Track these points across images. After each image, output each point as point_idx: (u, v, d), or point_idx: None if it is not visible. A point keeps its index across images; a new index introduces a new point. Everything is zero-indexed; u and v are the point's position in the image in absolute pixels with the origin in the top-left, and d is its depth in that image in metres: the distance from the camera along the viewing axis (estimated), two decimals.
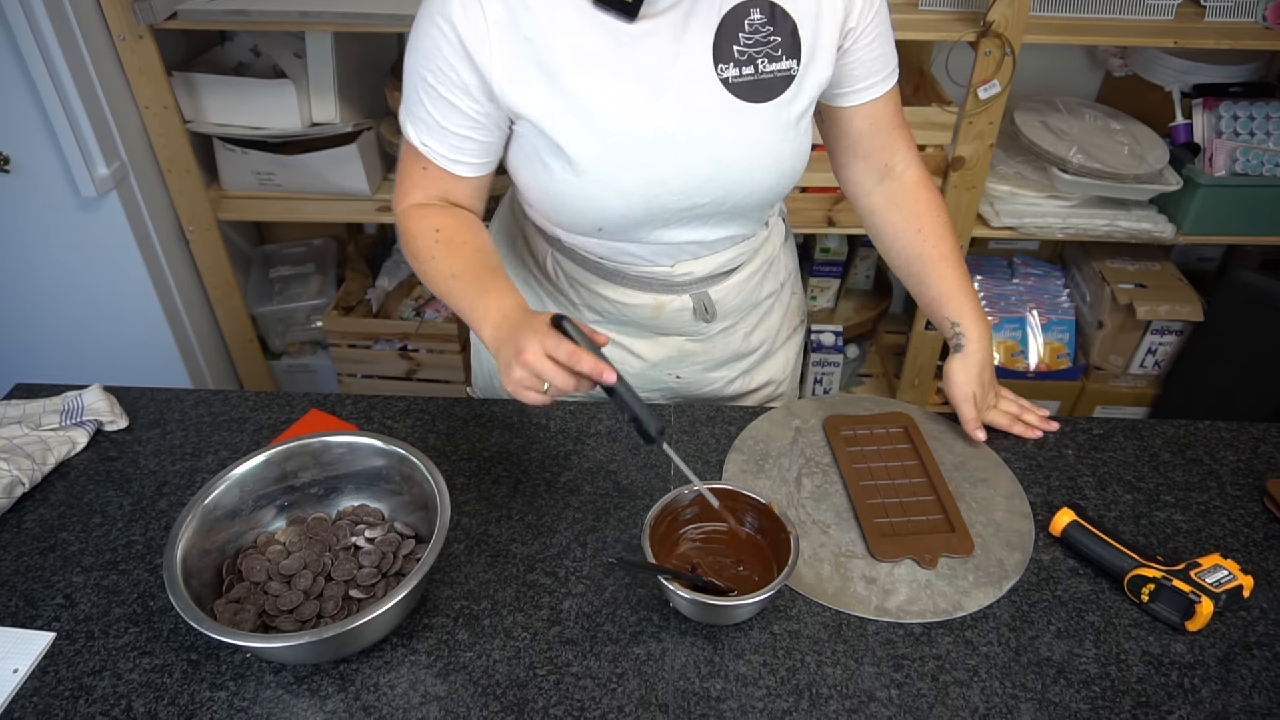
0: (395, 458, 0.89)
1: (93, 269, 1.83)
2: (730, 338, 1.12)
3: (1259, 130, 1.77)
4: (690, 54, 0.86)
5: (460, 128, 0.89)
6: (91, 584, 0.88)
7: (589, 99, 0.85)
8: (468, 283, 0.90)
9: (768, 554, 0.87)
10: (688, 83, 0.86)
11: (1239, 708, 0.77)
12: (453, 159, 0.92)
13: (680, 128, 0.88)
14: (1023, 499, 0.98)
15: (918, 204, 1.04)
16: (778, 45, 0.88)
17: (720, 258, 1.03)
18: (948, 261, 1.03)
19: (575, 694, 0.78)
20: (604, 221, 0.93)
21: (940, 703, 0.77)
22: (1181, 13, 1.67)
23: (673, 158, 0.89)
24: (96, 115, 1.63)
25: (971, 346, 1.02)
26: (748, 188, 0.94)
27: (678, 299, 1.05)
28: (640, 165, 0.89)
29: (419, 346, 2.06)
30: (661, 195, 0.91)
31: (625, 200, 0.91)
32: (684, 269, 1.02)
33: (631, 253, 1.00)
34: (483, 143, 0.91)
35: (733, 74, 0.87)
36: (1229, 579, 0.83)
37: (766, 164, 0.93)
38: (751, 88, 0.88)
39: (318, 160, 1.85)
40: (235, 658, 0.81)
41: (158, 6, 1.58)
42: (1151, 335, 1.98)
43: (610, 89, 0.85)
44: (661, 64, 0.85)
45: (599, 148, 0.87)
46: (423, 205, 0.95)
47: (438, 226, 0.93)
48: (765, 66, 0.88)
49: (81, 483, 1.00)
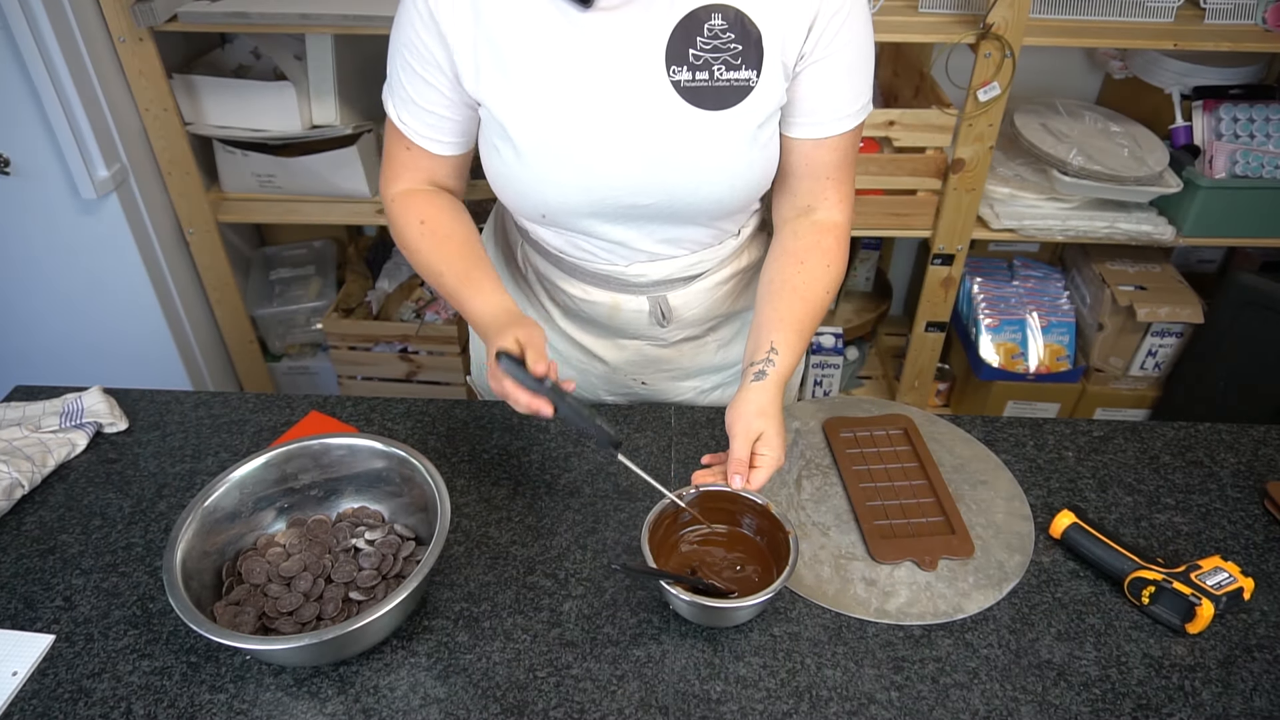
0: (395, 460, 0.89)
1: (93, 271, 1.83)
2: (700, 350, 1.10)
3: (1259, 132, 1.77)
4: (641, 52, 0.84)
5: (435, 105, 0.91)
6: (91, 586, 0.88)
7: (534, 86, 0.86)
8: (455, 282, 0.93)
9: (766, 555, 0.87)
10: (635, 81, 0.85)
11: (1239, 710, 0.77)
12: (430, 137, 0.94)
13: (623, 126, 0.86)
14: (1023, 501, 0.98)
15: (816, 245, 0.95)
16: (738, 54, 0.84)
17: (677, 263, 1.00)
18: (808, 302, 0.93)
19: (575, 696, 0.78)
20: (546, 208, 0.93)
21: (940, 705, 0.77)
22: (1181, 15, 1.67)
23: (611, 154, 0.88)
24: (97, 117, 1.63)
25: (776, 373, 0.89)
26: (693, 195, 0.91)
27: (634, 300, 1.03)
28: (577, 157, 0.88)
29: (419, 349, 2.06)
30: (599, 190, 0.90)
31: (562, 190, 0.90)
32: (638, 270, 1.00)
33: (584, 248, 0.99)
34: (456, 121, 0.93)
35: (685, 77, 0.85)
36: (1229, 581, 0.83)
37: (713, 173, 0.89)
38: (703, 94, 0.85)
39: (318, 162, 1.85)
40: (235, 660, 0.81)
41: (158, 9, 1.58)
42: (1152, 337, 1.97)
43: (556, 78, 0.85)
44: (610, 59, 0.84)
45: (538, 135, 0.87)
46: (408, 193, 0.97)
47: (422, 218, 0.96)
48: (721, 74, 0.85)
49: (81, 485, 1.00)
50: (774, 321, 0.93)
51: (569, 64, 0.85)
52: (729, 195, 0.92)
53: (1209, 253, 2.21)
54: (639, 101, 0.85)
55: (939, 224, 1.82)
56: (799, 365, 0.97)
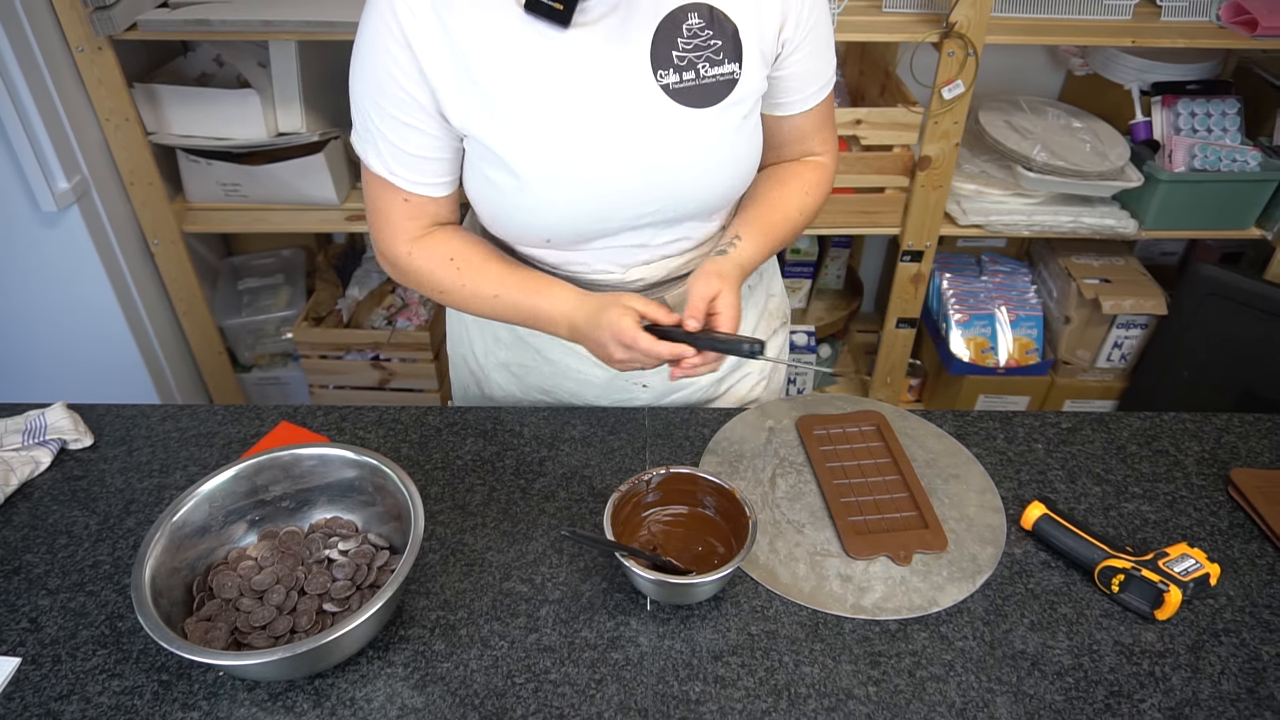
0: (368, 469, 0.88)
1: (55, 284, 1.79)
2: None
3: (1215, 127, 1.81)
4: (627, 62, 0.84)
5: (427, 150, 0.88)
6: (58, 606, 0.86)
7: (526, 113, 0.84)
8: (516, 295, 0.93)
9: (730, 537, 0.89)
10: (626, 91, 0.85)
11: (1208, 694, 0.79)
12: (428, 183, 0.91)
13: (622, 138, 0.86)
14: (994, 494, 0.99)
15: (798, 174, 1.02)
16: (719, 49, 0.86)
17: (673, 262, 1.01)
18: (776, 211, 0.99)
19: (554, 701, 0.77)
20: (551, 233, 0.92)
21: (917, 698, 0.78)
22: (1139, 12, 1.70)
23: (617, 168, 0.88)
24: (55, 129, 1.61)
25: (738, 254, 0.93)
26: (698, 193, 0.93)
27: None
28: (584, 177, 0.87)
29: (391, 356, 2.05)
30: (608, 205, 0.90)
31: (572, 211, 0.90)
32: (636, 274, 1.00)
33: (583, 261, 0.99)
34: (449, 160, 0.91)
35: (673, 80, 0.85)
36: (1196, 568, 0.85)
37: (714, 169, 0.91)
38: (693, 93, 0.86)
39: (284, 170, 1.83)
40: (208, 677, 0.79)
41: (117, 17, 1.56)
42: (1117, 329, 2.01)
43: (547, 102, 0.84)
44: (598, 73, 0.84)
45: (541, 161, 0.86)
46: (420, 240, 0.94)
47: (450, 255, 0.94)
48: (707, 71, 0.86)
49: (46, 503, 0.98)
50: (741, 221, 0.98)
51: (557, 85, 0.84)
52: (728, 187, 0.94)
53: (1170, 245, 2.25)
54: (632, 110, 0.86)
55: (907, 221, 1.84)
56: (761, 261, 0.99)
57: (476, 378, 1.18)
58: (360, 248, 2.33)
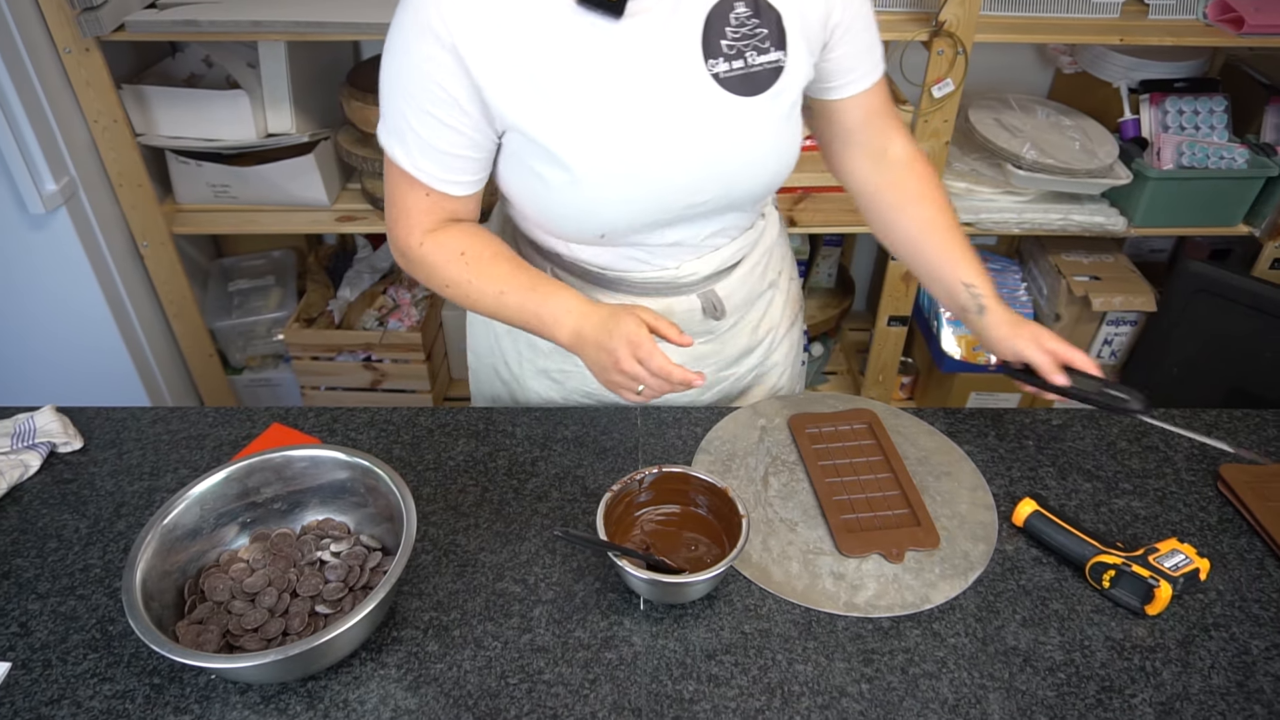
0: (359, 470, 0.88)
1: (44, 287, 1.78)
2: (739, 334, 1.12)
3: (1203, 124, 1.82)
4: (679, 51, 0.85)
5: (457, 148, 0.87)
6: (48, 611, 0.86)
7: (580, 104, 0.84)
8: (521, 295, 0.92)
9: (722, 536, 0.89)
10: (679, 81, 0.86)
11: (1199, 688, 0.79)
12: (453, 180, 0.90)
13: (675, 127, 0.87)
14: (985, 491, 0.99)
15: (921, 182, 1.04)
16: (764, 37, 0.87)
17: (723, 253, 1.02)
18: (953, 230, 1.02)
19: (548, 701, 0.77)
20: (606, 228, 0.92)
21: (910, 695, 0.78)
22: (1126, 10, 1.71)
23: (671, 158, 0.88)
24: (43, 130, 1.60)
25: (991, 299, 0.99)
26: (747, 181, 0.94)
27: (685, 300, 1.03)
28: (639, 168, 0.88)
29: (383, 357, 2.04)
30: (663, 196, 0.90)
31: (627, 205, 0.90)
32: (689, 269, 1.01)
33: (634, 257, 0.99)
34: (478, 160, 0.90)
35: (723, 69, 0.86)
36: (1186, 563, 0.85)
37: (763, 156, 0.92)
38: (742, 81, 0.87)
39: (274, 171, 1.82)
40: (200, 680, 0.79)
41: (104, 18, 1.55)
42: (1107, 326, 2.02)
43: (600, 92, 0.84)
44: (651, 63, 0.85)
45: (595, 154, 0.86)
46: (435, 234, 0.94)
47: (461, 250, 0.93)
48: (754, 59, 0.87)
49: (35, 507, 0.97)
50: (946, 263, 1.01)
51: (611, 77, 0.84)
52: (776, 174, 0.96)
53: (1159, 242, 2.27)
54: (686, 100, 0.86)
55: None
56: None
57: (510, 388, 1.17)
58: (351, 249, 2.32)
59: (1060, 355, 0.95)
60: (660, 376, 0.85)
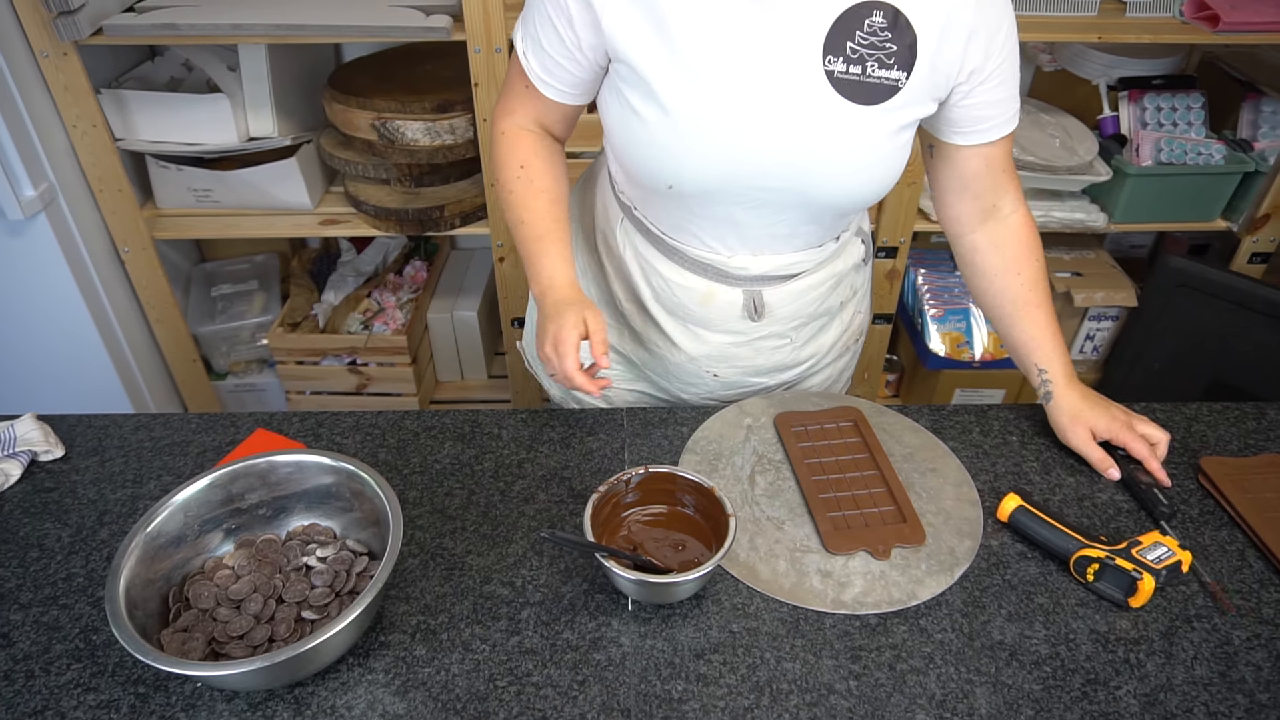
0: (344, 474, 0.88)
1: (23, 294, 1.76)
2: (779, 349, 1.11)
3: (1181, 121, 1.84)
4: (802, 38, 0.85)
5: (557, 54, 0.93)
6: (30, 621, 0.85)
7: (693, 51, 0.86)
8: (533, 236, 0.98)
9: (710, 536, 0.89)
10: (792, 64, 0.86)
11: (1182, 679, 0.80)
12: (549, 83, 0.96)
13: (770, 105, 0.87)
14: (971, 486, 1.00)
15: (1020, 247, 1.03)
16: (891, 54, 0.86)
17: (779, 259, 1.02)
18: (1041, 308, 1.03)
19: (537, 704, 0.77)
20: (677, 178, 0.92)
21: (898, 691, 0.79)
22: (1104, 9, 1.73)
23: (759, 131, 0.88)
24: (21, 136, 1.58)
25: (1060, 389, 1.02)
26: (825, 184, 0.92)
27: (730, 291, 1.04)
28: (724, 128, 0.88)
29: (368, 360, 2.03)
30: (736, 165, 0.90)
31: (701, 160, 0.90)
32: (740, 262, 1.01)
33: (693, 232, 1.00)
34: (575, 75, 0.94)
35: (839, 69, 0.86)
36: (1169, 555, 0.86)
37: (849, 165, 0.91)
38: (855, 87, 0.87)
39: (257, 175, 1.81)
40: (185, 688, 0.79)
41: (81, 22, 1.54)
42: (1089, 322, 2.03)
43: (716, 47, 0.85)
44: (771, 39, 0.85)
45: (689, 101, 0.87)
46: (518, 130, 1.01)
47: (523, 162, 1.00)
48: (874, 71, 0.87)
49: (16, 516, 0.96)
50: (1029, 343, 1.04)
51: (731, 38, 0.85)
52: (855, 191, 0.95)
53: (1139, 238, 2.29)
54: (792, 85, 0.87)
55: (881, 217, 1.85)
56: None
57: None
58: (335, 252, 2.31)
59: (1120, 441, 1.00)
60: (562, 373, 0.92)
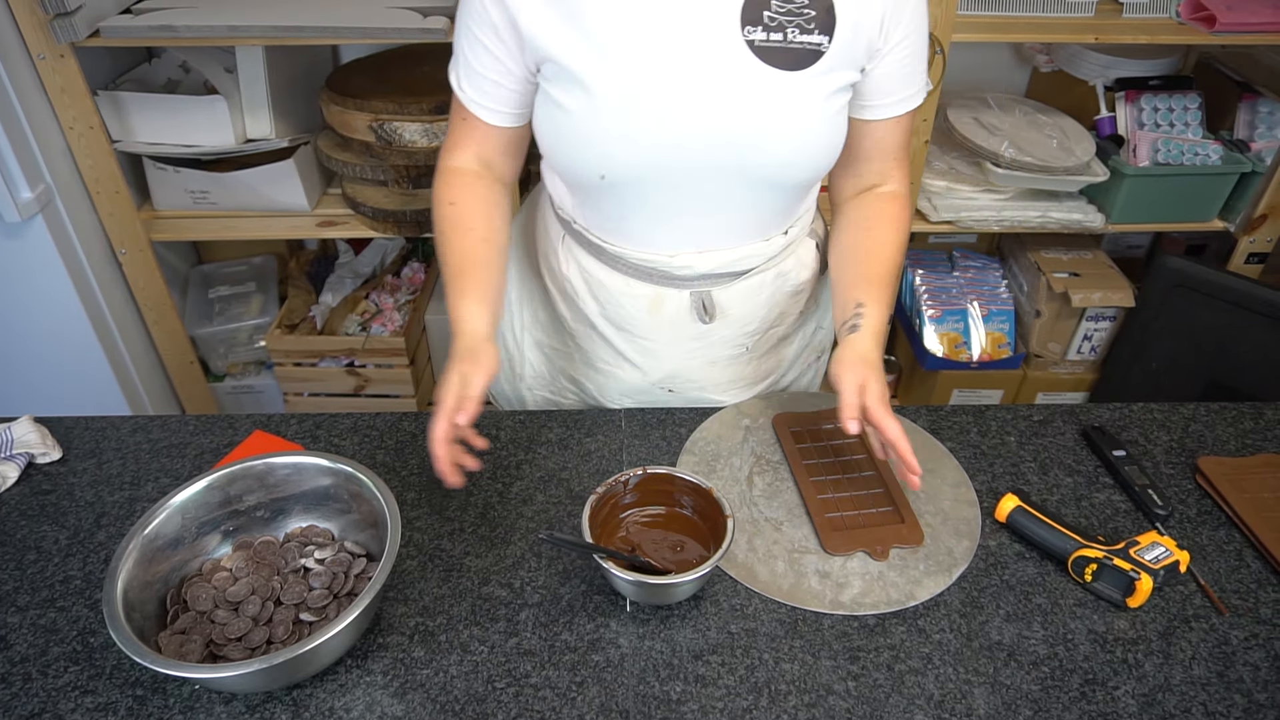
0: (343, 476, 0.88)
1: (20, 296, 1.76)
2: (734, 361, 1.11)
3: (1178, 121, 1.84)
4: (717, 11, 0.85)
5: (493, 72, 0.92)
6: (28, 624, 0.85)
7: (609, 35, 0.85)
8: (450, 274, 0.95)
9: (708, 537, 0.89)
10: (711, 38, 0.86)
11: (1180, 679, 0.80)
12: (486, 106, 0.95)
13: (694, 80, 0.87)
14: (969, 487, 1.00)
15: (882, 212, 1.02)
16: (811, 19, 0.86)
17: (725, 255, 1.00)
18: (880, 260, 1.00)
19: (535, 705, 0.77)
20: (607, 166, 0.92)
21: (896, 692, 0.79)
22: (1101, 9, 1.73)
23: (682, 107, 0.88)
24: (17, 137, 1.58)
25: (866, 333, 0.95)
26: (758, 155, 0.91)
27: (677, 294, 1.03)
28: (651, 105, 0.87)
29: (366, 362, 2.03)
30: (666, 145, 0.89)
31: (629, 144, 0.89)
32: (684, 261, 1.00)
33: (633, 232, 0.99)
34: (513, 91, 0.94)
35: (759, 37, 0.86)
36: (1166, 555, 0.86)
37: (780, 132, 0.90)
38: (778, 54, 0.86)
39: (254, 177, 1.81)
40: (183, 690, 0.78)
41: (78, 24, 1.53)
42: (1087, 322, 2.03)
43: (632, 29, 0.85)
44: (687, 16, 0.85)
45: (613, 77, 0.86)
46: (456, 170, 1.00)
47: (453, 199, 0.98)
48: (795, 37, 0.86)
49: (14, 518, 0.96)
50: (854, 281, 0.99)
51: (646, 18, 0.85)
52: (789, 160, 0.93)
53: (1137, 238, 2.29)
54: (713, 58, 0.86)
55: None
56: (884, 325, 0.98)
57: (511, 355, 1.20)
58: (333, 254, 2.31)
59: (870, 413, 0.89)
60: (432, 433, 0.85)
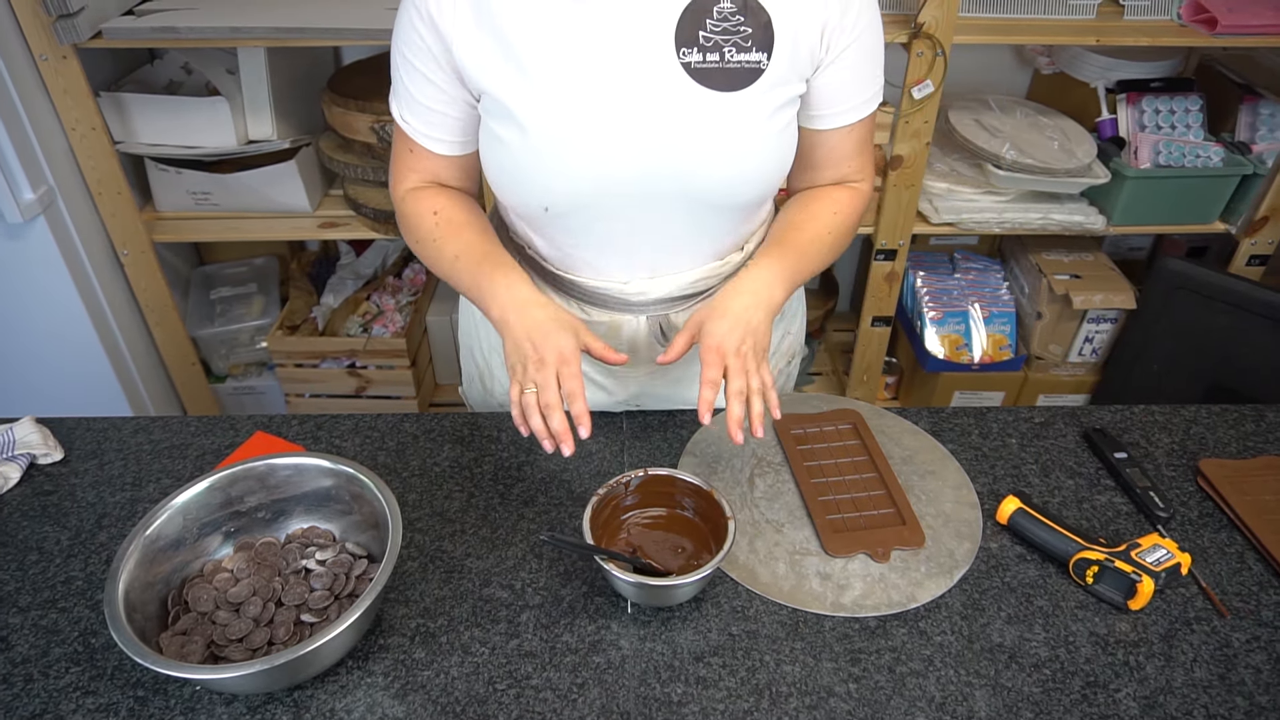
0: (344, 477, 0.88)
1: (22, 297, 1.76)
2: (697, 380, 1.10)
3: (1179, 123, 1.84)
4: (650, 37, 0.84)
5: (433, 102, 0.91)
6: (29, 624, 0.85)
7: (541, 67, 0.84)
8: (472, 263, 0.93)
9: (709, 539, 0.89)
10: (645, 64, 0.84)
11: (1181, 681, 0.80)
12: (431, 136, 0.94)
13: (630, 107, 0.85)
14: (970, 489, 1.00)
15: (826, 193, 1.00)
16: (748, 36, 0.84)
17: (679, 279, 0.99)
18: (796, 228, 0.97)
19: (536, 707, 0.77)
20: (550, 198, 0.90)
21: (897, 694, 0.79)
22: (1102, 11, 1.73)
23: (620, 136, 0.86)
24: (20, 138, 1.58)
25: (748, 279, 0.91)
26: (702, 180, 0.89)
27: (635, 320, 1.02)
28: (588, 136, 0.86)
29: (367, 363, 2.03)
30: (607, 174, 0.88)
31: (570, 175, 0.88)
32: (638, 288, 0.99)
33: (585, 259, 0.98)
34: (456, 119, 0.93)
35: (695, 59, 0.84)
36: (1168, 558, 0.86)
37: (723, 155, 0.88)
38: (715, 75, 0.85)
39: (255, 178, 1.81)
40: (184, 691, 0.78)
41: (81, 25, 1.54)
42: (1088, 324, 2.03)
43: (564, 60, 0.84)
44: (619, 40, 0.84)
45: (546, 117, 0.85)
46: (419, 189, 0.98)
47: (435, 209, 0.96)
48: (732, 56, 0.84)
49: (15, 519, 0.96)
50: (764, 248, 0.96)
51: (576, 44, 0.84)
52: (735, 182, 0.91)
53: (1138, 240, 2.29)
54: (649, 83, 0.85)
55: (880, 220, 1.85)
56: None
57: (480, 371, 1.19)
58: (334, 255, 2.31)
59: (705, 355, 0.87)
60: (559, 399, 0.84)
